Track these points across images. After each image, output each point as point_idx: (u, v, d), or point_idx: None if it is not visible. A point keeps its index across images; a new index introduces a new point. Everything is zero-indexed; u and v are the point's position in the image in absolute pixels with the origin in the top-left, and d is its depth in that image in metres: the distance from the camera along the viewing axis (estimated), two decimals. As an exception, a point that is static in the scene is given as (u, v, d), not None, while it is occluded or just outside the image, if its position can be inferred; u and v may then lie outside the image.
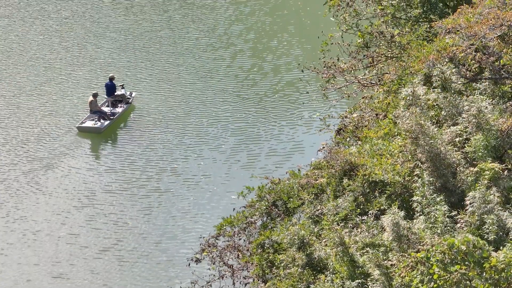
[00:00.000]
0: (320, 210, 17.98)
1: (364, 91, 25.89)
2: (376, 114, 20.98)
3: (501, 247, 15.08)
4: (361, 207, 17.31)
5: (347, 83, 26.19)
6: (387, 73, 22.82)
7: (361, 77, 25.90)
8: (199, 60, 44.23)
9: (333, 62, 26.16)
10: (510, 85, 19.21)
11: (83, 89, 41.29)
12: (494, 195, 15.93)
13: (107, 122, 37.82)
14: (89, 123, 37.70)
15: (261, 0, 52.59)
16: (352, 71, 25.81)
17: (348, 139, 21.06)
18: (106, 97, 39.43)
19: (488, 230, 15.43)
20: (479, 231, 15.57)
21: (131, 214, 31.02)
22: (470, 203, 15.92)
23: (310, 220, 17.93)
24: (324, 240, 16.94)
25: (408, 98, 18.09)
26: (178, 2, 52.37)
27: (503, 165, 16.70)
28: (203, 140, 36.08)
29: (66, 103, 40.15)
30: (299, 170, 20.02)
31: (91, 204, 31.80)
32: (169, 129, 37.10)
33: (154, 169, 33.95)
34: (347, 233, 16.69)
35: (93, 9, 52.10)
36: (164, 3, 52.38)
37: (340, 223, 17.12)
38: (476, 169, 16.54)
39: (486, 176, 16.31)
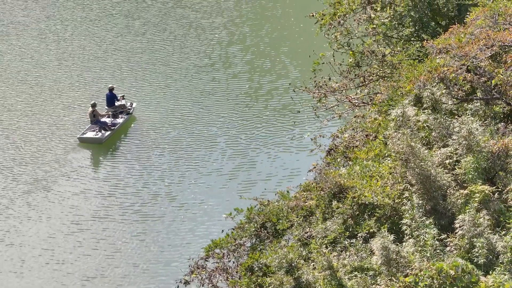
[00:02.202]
0: (309, 233, 17.78)
1: (356, 110, 25.75)
2: (367, 135, 20.81)
3: (491, 271, 14.91)
4: (350, 229, 17.10)
5: (338, 103, 26.06)
6: (379, 93, 22.67)
7: (353, 97, 25.76)
8: (197, 79, 44.03)
9: (324, 81, 26.03)
10: (501, 106, 19.07)
11: (84, 102, 41.14)
12: (484, 218, 15.77)
13: (108, 133, 37.90)
14: (90, 134, 37.83)
15: (261, 20, 52.47)
16: (344, 91, 25.68)
17: (338, 160, 20.87)
18: (106, 107, 39.43)
19: (477, 254, 15.25)
20: (469, 255, 15.39)
21: (124, 238, 30.70)
22: (459, 226, 15.76)
23: (299, 243, 17.72)
24: (312, 264, 16.73)
25: (397, 119, 17.94)
26: (177, 22, 52.23)
27: (494, 187, 16.53)
28: (197, 160, 35.85)
29: (67, 118, 40.03)
30: (287, 191, 19.85)
31: (88, 228, 31.44)
32: (166, 149, 36.83)
33: (149, 192, 33.60)
34: (335, 257, 16.49)
35: (94, 26, 52.01)
36: (163, 21, 52.25)
37: (329, 246, 16.91)
38: (466, 191, 16.37)
39: (476, 199, 16.15)
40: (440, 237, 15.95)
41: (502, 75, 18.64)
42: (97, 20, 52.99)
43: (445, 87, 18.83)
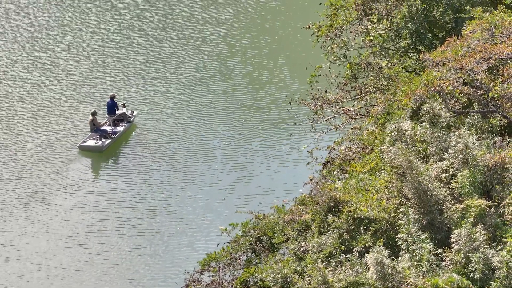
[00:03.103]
0: (304, 247, 17.66)
1: (353, 122, 25.63)
2: (363, 148, 20.70)
3: (487, 286, 14.80)
4: (346, 244, 16.99)
5: (335, 115, 25.94)
6: (375, 105, 22.54)
7: (349, 109, 25.63)
8: (197, 91, 43.86)
9: (321, 94, 25.91)
10: (498, 119, 18.97)
11: (85, 112, 41.04)
12: (480, 232, 15.67)
13: (108, 141, 37.81)
14: (90, 142, 37.76)
15: (261, 31, 52.30)
16: (340, 103, 25.56)
17: (334, 173, 20.74)
18: (107, 116, 39.34)
19: (473, 269, 15.15)
20: (465, 270, 15.29)
21: (121, 253, 30.47)
22: (455, 241, 15.65)
23: (294, 257, 17.61)
24: (307, 279, 16.60)
25: (393, 133, 17.84)
26: (176, 33, 52.08)
27: (491, 201, 16.42)
28: (196, 173, 35.64)
29: (67, 127, 39.91)
30: (283, 205, 19.73)
31: (85, 242, 31.21)
32: (165, 162, 36.66)
33: (147, 206, 33.36)
34: (331, 271, 16.37)
35: (93, 36, 51.90)
36: (162, 33, 52.09)
37: (324, 260, 16.79)
38: (462, 205, 16.27)
39: (472, 213, 16.05)
40: (436, 252, 15.85)
41: (498, 88, 18.54)
42: (96, 31, 52.89)
43: (441, 100, 18.74)
